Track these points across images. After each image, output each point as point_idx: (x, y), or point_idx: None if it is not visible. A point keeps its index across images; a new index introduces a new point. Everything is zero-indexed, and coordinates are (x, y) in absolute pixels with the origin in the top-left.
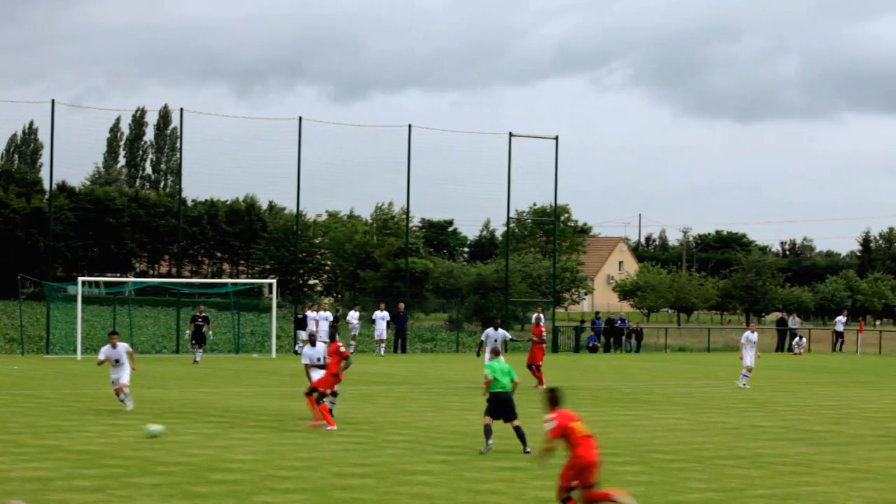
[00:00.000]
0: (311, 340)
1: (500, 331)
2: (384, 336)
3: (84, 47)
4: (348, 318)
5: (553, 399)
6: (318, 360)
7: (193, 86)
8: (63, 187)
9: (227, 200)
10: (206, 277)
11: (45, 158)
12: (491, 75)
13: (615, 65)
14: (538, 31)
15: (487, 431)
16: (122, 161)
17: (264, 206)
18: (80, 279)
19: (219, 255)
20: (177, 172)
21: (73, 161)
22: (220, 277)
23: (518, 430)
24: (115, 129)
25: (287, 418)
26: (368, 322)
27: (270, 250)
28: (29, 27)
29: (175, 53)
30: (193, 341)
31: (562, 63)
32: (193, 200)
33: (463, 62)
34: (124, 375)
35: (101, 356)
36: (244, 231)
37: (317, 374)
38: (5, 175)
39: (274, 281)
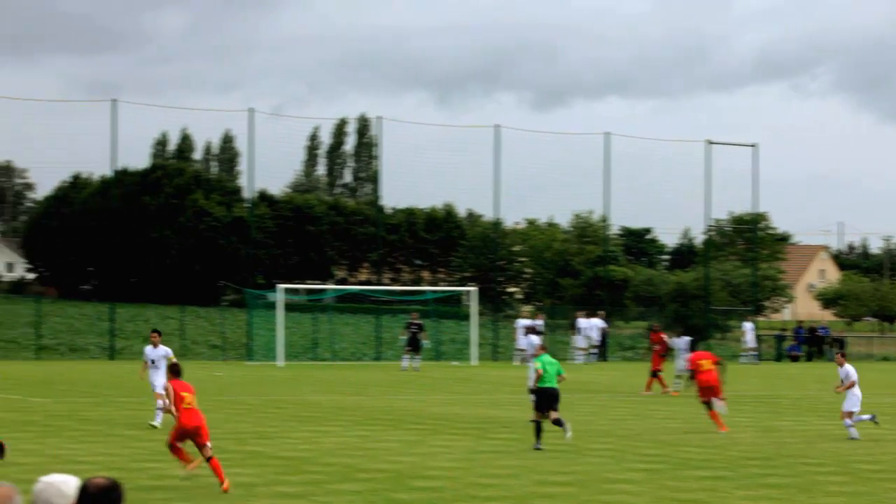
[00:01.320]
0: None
1: (594, 320)
2: (584, 343)
3: (285, 56)
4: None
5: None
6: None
7: (393, 94)
8: (263, 196)
9: (425, 208)
10: (405, 285)
11: (243, 167)
12: (691, 82)
13: (817, 71)
14: (739, 37)
15: (537, 430)
16: (321, 169)
17: (462, 213)
18: (281, 286)
19: (418, 262)
20: (375, 180)
21: (273, 170)
22: (419, 285)
23: (556, 421)
24: (314, 137)
25: (489, 426)
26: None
27: (469, 258)
28: (231, 37)
29: (375, 62)
30: (408, 347)
31: (763, 69)
32: (392, 208)
33: (662, 69)
34: (158, 383)
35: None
36: (443, 239)
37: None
38: (206, 183)
39: (473, 289)
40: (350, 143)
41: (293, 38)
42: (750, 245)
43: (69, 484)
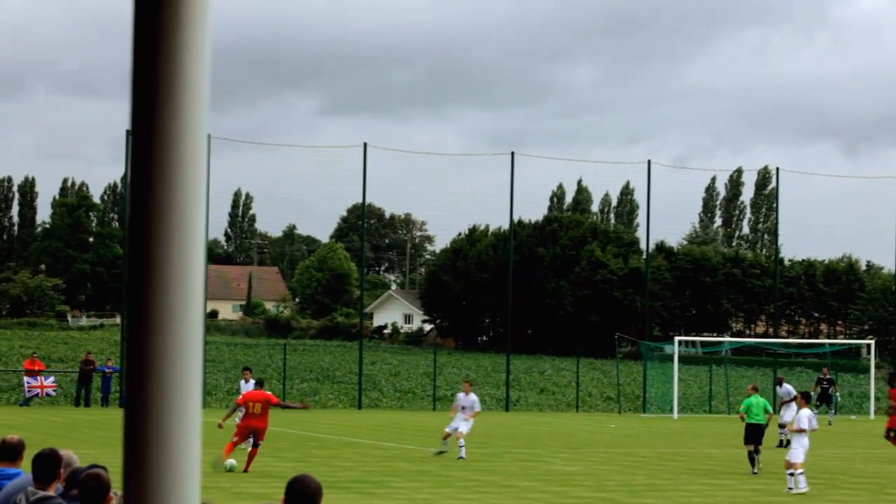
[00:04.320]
0: None
1: (785, 386)
2: None
3: (691, 107)
4: None
5: None
6: None
7: (799, 144)
8: (661, 247)
9: (824, 260)
10: (802, 338)
11: (640, 219)
12: None
13: None
14: None
15: (750, 458)
16: (718, 221)
17: (863, 265)
18: (677, 339)
19: (816, 315)
20: (775, 232)
21: (670, 221)
22: (816, 338)
23: (750, 454)
24: (710, 188)
25: (887, 481)
26: None
27: (868, 310)
28: (638, 89)
29: (783, 112)
30: (819, 402)
31: None
32: (790, 260)
33: None
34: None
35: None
36: (842, 291)
37: None
38: (602, 235)
39: (872, 341)
40: (747, 195)
41: (700, 88)
42: None
43: None
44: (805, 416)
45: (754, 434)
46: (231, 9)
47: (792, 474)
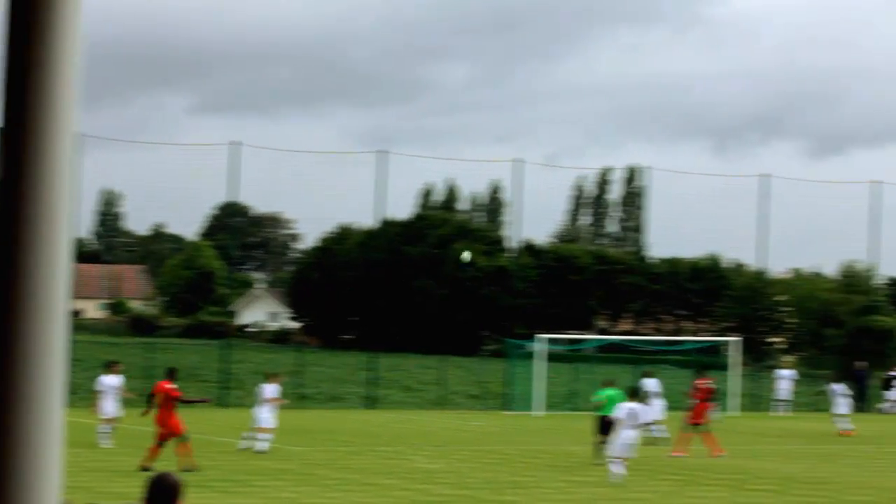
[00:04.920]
0: None
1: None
2: (782, 396)
3: (563, 106)
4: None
5: None
6: None
7: (671, 143)
8: (528, 245)
9: (689, 258)
10: (667, 335)
11: (509, 217)
12: None
13: None
14: None
15: (596, 448)
16: (587, 219)
17: (727, 263)
18: (542, 336)
19: (680, 312)
20: (642, 230)
21: (539, 220)
22: (680, 335)
23: (598, 444)
24: (580, 187)
25: (746, 477)
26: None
27: (732, 308)
28: (510, 88)
29: (653, 110)
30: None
31: None
32: (657, 258)
33: None
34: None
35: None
36: (706, 289)
37: None
38: (470, 233)
39: (735, 339)
40: (617, 193)
41: (574, 87)
42: None
43: None
44: (625, 410)
45: (607, 426)
46: (104, 7)
47: (611, 462)
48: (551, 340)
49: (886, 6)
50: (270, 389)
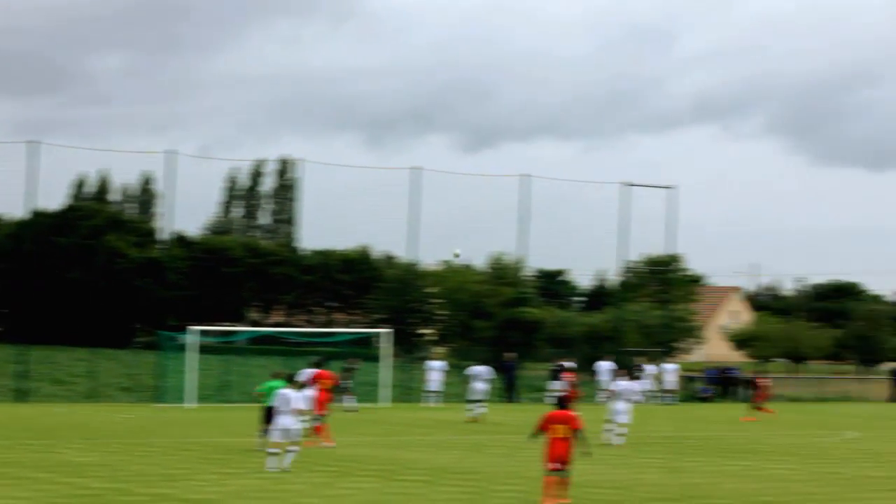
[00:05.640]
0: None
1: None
2: (433, 387)
3: (219, 97)
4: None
5: None
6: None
7: (326, 135)
8: (181, 237)
9: (341, 250)
10: (319, 326)
11: (162, 208)
12: (624, 124)
13: (750, 113)
14: (677, 79)
15: (261, 436)
16: (240, 210)
17: (379, 255)
18: (193, 328)
19: (332, 304)
20: (294, 222)
21: (194, 211)
22: (332, 327)
23: (263, 432)
24: (233, 178)
25: (397, 467)
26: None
27: (384, 300)
28: (167, 78)
29: (309, 102)
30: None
31: (697, 112)
32: (309, 250)
33: (596, 111)
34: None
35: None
36: (358, 280)
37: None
38: (121, 224)
39: (386, 330)
40: (270, 185)
41: (230, 79)
42: (663, 286)
43: None
44: (280, 396)
45: (270, 416)
46: None
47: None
48: (204, 332)
49: (533, 5)
50: None
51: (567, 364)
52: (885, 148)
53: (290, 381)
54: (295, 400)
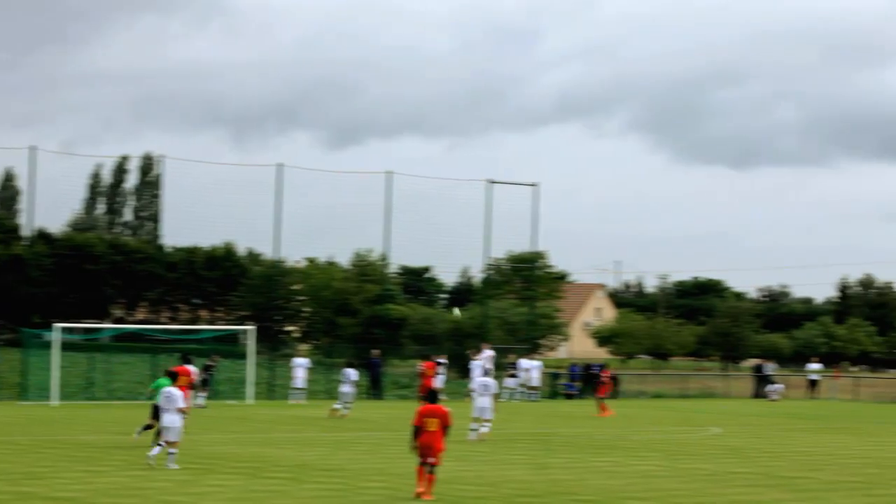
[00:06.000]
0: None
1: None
2: (298, 384)
3: (83, 93)
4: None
5: None
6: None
7: (191, 132)
8: (43, 234)
9: (206, 247)
10: (183, 324)
11: (23, 204)
12: (488, 122)
13: (614, 112)
14: (541, 78)
15: (145, 428)
16: (102, 207)
17: (243, 252)
18: (57, 325)
19: (197, 301)
20: (158, 219)
21: (56, 208)
22: (197, 324)
23: (147, 426)
24: (96, 175)
25: (263, 465)
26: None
27: (248, 297)
28: (31, 72)
29: (173, 99)
30: (204, 386)
31: (561, 110)
32: (173, 247)
33: (461, 108)
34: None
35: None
36: (223, 278)
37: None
38: None
39: (250, 327)
40: (133, 182)
41: (93, 74)
42: (527, 284)
43: None
44: (164, 394)
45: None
46: None
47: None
48: (67, 329)
49: (398, 2)
50: None
51: (440, 360)
52: (747, 147)
53: (174, 378)
54: (179, 398)
